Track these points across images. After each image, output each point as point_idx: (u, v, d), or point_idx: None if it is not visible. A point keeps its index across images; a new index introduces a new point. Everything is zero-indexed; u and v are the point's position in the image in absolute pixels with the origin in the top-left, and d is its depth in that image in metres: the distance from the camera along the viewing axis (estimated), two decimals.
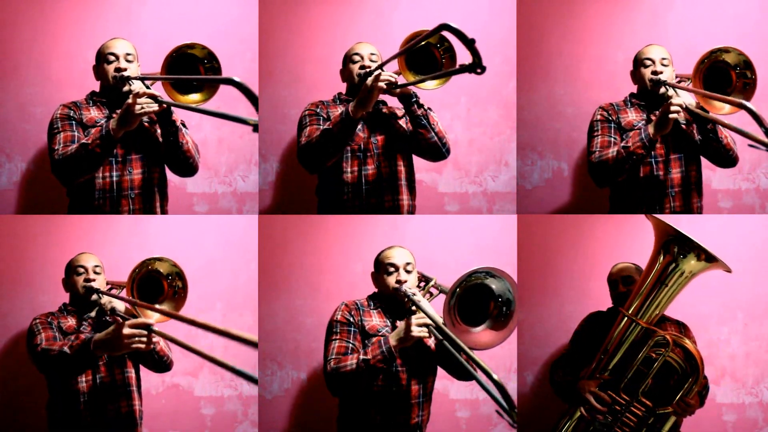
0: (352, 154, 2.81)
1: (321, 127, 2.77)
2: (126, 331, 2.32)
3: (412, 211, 2.92)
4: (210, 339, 2.64)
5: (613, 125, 2.86)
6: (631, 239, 3.22)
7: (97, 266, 2.76)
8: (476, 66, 2.26)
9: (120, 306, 2.63)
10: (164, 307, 2.61)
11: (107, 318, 2.65)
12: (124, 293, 2.70)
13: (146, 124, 2.75)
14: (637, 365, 2.62)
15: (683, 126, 2.83)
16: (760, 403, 3.25)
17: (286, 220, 3.24)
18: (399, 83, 2.66)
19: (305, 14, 3.28)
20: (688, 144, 2.85)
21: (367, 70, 2.76)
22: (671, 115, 2.65)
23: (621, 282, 2.86)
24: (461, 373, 2.65)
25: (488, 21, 3.30)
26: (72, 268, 2.77)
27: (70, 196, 2.80)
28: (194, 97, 2.73)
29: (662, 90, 2.77)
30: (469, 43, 2.22)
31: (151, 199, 2.79)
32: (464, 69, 2.34)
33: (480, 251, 3.27)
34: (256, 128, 2.28)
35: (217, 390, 3.22)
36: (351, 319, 2.61)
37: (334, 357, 2.53)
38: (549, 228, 3.27)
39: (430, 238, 3.26)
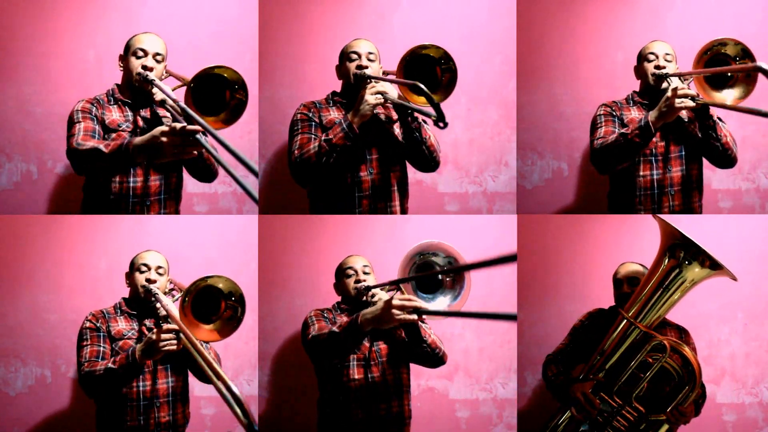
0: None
1: (313, 135, 2.73)
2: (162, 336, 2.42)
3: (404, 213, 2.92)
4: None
5: (616, 119, 2.86)
6: (630, 239, 3.22)
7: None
8: (439, 120, 2.41)
9: (174, 312, 2.51)
10: (213, 327, 2.46)
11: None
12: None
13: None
14: (632, 369, 2.60)
15: (685, 123, 2.81)
16: (760, 403, 3.25)
17: (286, 220, 3.24)
18: (389, 97, 2.61)
19: (305, 14, 3.28)
20: (690, 141, 2.83)
21: (363, 72, 2.71)
22: (677, 102, 2.60)
23: (626, 283, 2.82)
24: (430, 361, 2.71)
25: (488, 21, 3.30)
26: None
27: (86, 192, 2.75)
28: (212, 118, 2.45)
29: (665, 85, 2.74)
30: (436, 106, 2.40)
31: (165, 204, 2.76)
32: (431, 117, 2.45)
33: (480, 251, 3.26)
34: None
35: None
36: (325, 315, 2.76)
37: (314, 331, 2.66)
38: (549, 228, 3.27)
39: (429, 238, 3.25)
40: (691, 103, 2.61)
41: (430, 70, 2.58)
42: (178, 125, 2.31)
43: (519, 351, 3.23)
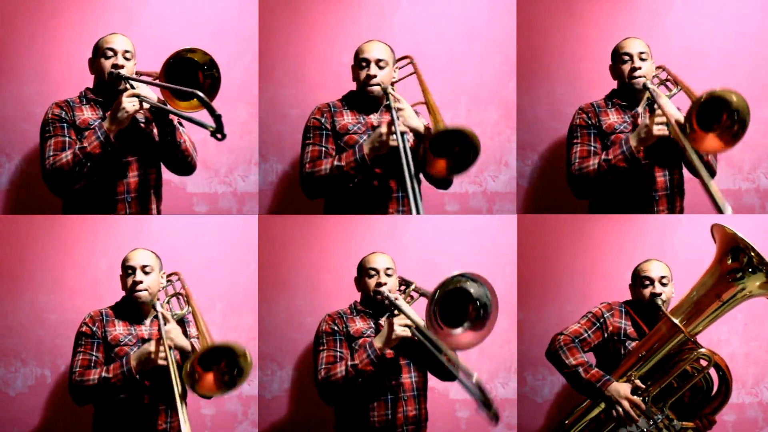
0: None
1: (324, 147, 2.74)
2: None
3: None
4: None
5: (593, 131, 2.83)
6: (632, 239, 3.22)
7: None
8: (217, 132, 2.44)
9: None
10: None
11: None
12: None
13: (142, 124, 2.71)
14: (673, 377, 2.56)
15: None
16: (760, 403, 3.25)
17: (286, 220, 3.24)
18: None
19: (305, 14, 3.28)
20: (671, 148, 2.79)
21: (372, 83, 2.72)
22: (656, 129, 2.61)
23: (659, 282, 2.72)
24: (443, 373, 2.71)
25: (488, 21, 3.30)
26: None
27: (64, 197, 2.77)
28: (187, 103, 2.56)
29: (646, 95, 2.73)
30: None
31: (146, 201, 2.76)
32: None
33: (480, 251, 3.27)
34: (214, 135, 2.39)
35: None
36: (336, 328, 2.69)
37: (323, 367, 2.61)
38: (549, 228, 3.27)
39: (430, 238, 3.26)
40: (666, 132, 2.60)
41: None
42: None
43: (519, 351, 3.23)
